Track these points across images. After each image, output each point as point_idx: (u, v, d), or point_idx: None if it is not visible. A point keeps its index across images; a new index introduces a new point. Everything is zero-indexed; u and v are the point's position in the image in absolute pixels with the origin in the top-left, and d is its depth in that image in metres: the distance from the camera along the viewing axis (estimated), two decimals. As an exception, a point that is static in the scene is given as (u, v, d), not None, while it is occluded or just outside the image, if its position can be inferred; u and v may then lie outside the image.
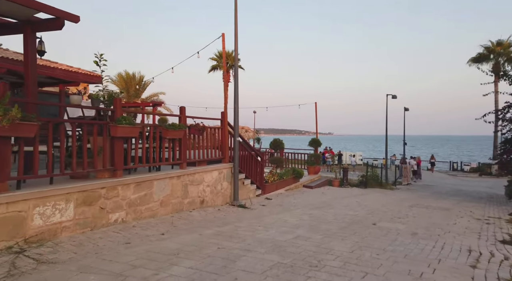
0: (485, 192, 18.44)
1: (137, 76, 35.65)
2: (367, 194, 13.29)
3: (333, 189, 14.25)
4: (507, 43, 28.03)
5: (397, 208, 9.32)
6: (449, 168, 33.60)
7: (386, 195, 13.39)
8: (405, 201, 11.31)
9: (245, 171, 9.08)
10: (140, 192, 5.59)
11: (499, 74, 28.69)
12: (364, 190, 15.00)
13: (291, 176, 11.98)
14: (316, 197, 10.85)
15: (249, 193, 9.24)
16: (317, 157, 15.40)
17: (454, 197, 14.36)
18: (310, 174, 14.93)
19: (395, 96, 19.89)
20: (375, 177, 17.92)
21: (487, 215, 8.89)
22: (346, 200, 10.52)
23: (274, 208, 8.25)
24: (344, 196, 11.86)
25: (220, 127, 8.37)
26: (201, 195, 7.25)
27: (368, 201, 10.73)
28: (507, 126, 14.69)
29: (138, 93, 35.90)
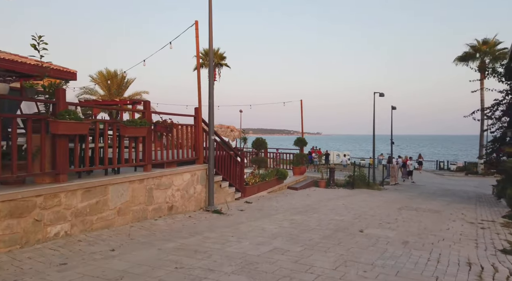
0: (473, 192, 18.18)
1: (119, 74, 34.44)
2: (354, 195, 12.71)
3: (319, 190, 13.63)
4: (493, 42, 28.07)
5: (385, 211, 8.72)
6: (436, 167, 33.59)
7: (374, 196, 12.84)
8: (393, 203, 10.75)
9: (223, 173, 8.32)
10: (91, 199, 4.77)
11: (485, 73, 28.79)
12: (351, 191, 14.44)
13: (274, 177, 11.29)
14: (300, 200, 10.18)
15: (227, 196, 8.48)
16: (303, 157, 14.76)
17: (443, 197, 13.94)
18: (295, 175, 14.28)
19: (383, 94, 19.48)
20: (362, 177, 17.41)
21: (480, 218, 8.37)
22: (332, 203, 9.88)
23: (253, 213, 7.52)
24: (330, 198, 11.23)
25: (193, 125, 7.59)
26: (170, 201, 6.46)
27: (355, 203, 10.12)
28: (496, 124, 14.38)
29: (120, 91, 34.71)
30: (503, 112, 14.15)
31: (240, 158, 9.34)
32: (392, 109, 23.71)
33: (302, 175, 14.58)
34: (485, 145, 14.70)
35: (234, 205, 8.30)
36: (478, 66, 29.26)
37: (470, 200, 13.22)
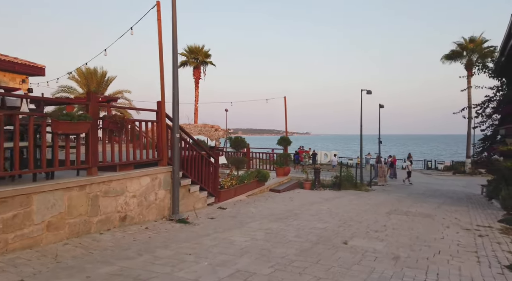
0: (462, 192, 17.70)
1: (99, 72, 32.99)
2: (341, 197, 11.93)
3: (304, 192, 12.81)
4: (480, 40, 27.86)
5: (373, 217, 7.94)
6: (424, 167, 33.31)
7: (361, 198, 12.10)
8: (381, 206, 10.00)
9: (193, 176, 7.39)
10: (6, 212, 3.78)
11: (472, 71, 28.58)
12: (338, 192, 13.67)
13: (254, 179, 10.40)
14: (282, 204, 9.32)
15: (197, 202, 7.55)
16: (286, 157, 13.91)
17: (433, 198, 13.31)
18: (278, 176, 13.43)
19: (370, 92, 18.84)
20: (349, 178, 16.69)
21: (475, 222, 7.66)
22: (316, 207, 9.06)
23: (224, 221, 6.61)
24: (314, 201, 10.41)
25: (155, 121, 6.64)
26: (123, 210, 5.50)
27: (340, 207, 9.32)
28: (486, 121, 13.84)
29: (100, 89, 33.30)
30: (493, 109, 13.63)
31: (214, 159, 8.42)
32: (380, 107, 23.15)
33: (286, 176, 13.75)
34: (475, 143, 14.15)
35: (205, 212, 7.37)
36: (465, 64, 29.06)
37: (461, 202, 12.62)
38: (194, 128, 27.90)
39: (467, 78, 28.96)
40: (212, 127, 28.23)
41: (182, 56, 37.39)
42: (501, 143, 11.82)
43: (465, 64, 28.92)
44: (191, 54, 37.15)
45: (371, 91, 18.91)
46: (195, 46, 37.17)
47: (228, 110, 39.03)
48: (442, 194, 15.94)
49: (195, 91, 37.41)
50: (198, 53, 37.01)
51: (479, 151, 13.92)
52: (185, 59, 37.43)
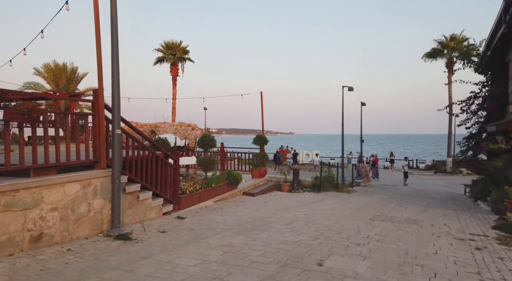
0: (445, 192, 17.17)
1: (68, 68, 30.96)
2: (320, 201, 10.97)
3: (281, 195, 11.78)
4: (460, 38, 27.71)
5: (354, 224, 6.97)
6: (405, 166, 33.00)
7: (342, 201, 11.18)
8: (364, 210, 9.09)
9: (144, 180, 6.19)
10: None
11: (452, 69, 28.43)
12: (318, 195, 12.73)
13: (224, 182, 9.27)
14: (253, 210, 8.23)
15: (150, 211, 6.35)
16: (263, 157, 12.86)
17: (417, 200, 12.57)
18: (254, 178, 12.36)
19: (352, 88, 18.07)
20: (330, 179, 15.82)
21: (467, 230, 6.81)
22: (292, 213, 8.02)
23: (178, 236, 5.46)
24: (291, 205, 9.39)
25: (92, 114, 5.41)
26: (37, 227, 4.26)
27: (319, 213, 8.32)
28: (471, 119, 13.23)
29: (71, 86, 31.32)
30: (478, 106, 13.04)
31: (174, 160, 7.24)
32: (362, 105, 22.48)
33: (263, 178, 12.68)
34: (460, 142, 13.53)
35: (157, 223, 6.18)
36: (446, 62, 28.90)
37: (447, 204, 11.91)
38: (170, 126, 26.45)
39: (448, 77, 28.82)
40: (188, 126, 26.82)
41: (158, 52, 35.87)
42: (488, 141, 11.18)
43: (446, 63, 28.76)
44: (168, 50, 35.61)
45: (352, 87, 18.14)
46: (173, 42, 35.64)
47: (207, 108, 37.79)
48: (426, 194, 15.29)
49: (172, 88, 35.86)
50: (175, 49, 35.49)
51: (464, 149, 13.31)
52: (162, 55, 35.87)
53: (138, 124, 26.91)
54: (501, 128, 8.64)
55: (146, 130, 25.67)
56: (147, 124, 26.74)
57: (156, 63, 36.51)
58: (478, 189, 12.17)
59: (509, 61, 11.29)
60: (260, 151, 13.15)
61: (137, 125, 26.73)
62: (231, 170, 9.81)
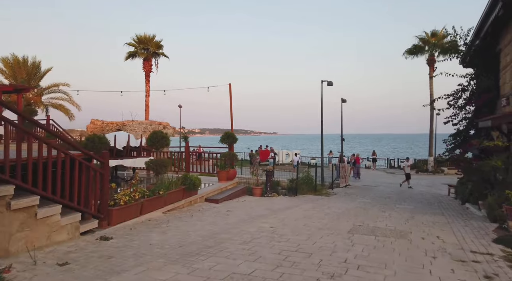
0: (429, 193, 16.25)
1: (30, 62, 28.44)
2: (295, 206, 9.60)
3: (251, 201, 10.34)
4: (441, 34, 27.09)
5: (330, 241, 5.60)
6: (387, 165, 32.35)
7: (320, 206, 9.86)
8: (343, 219, 7.77)
9: (48, 190, 4.59)
10: None
11: (434, 66, 27.83)
12: (293, 199, 11.37)
13: (178, 187, 7.73)
14: (209, 223, 6.73)
15: (57, 233, 4.74)
16: (232, 157, 11.37)
17: (401, 203, 11.43)
18: (221, 181, 10.86)
19: (331, 83, 16.87)
20: (308, 181, 14.53)
21: (466, 246, 5.57)
22: (256, 226, 6.59)
23: (81, 269, 3.89)
24: (258, 214, 7.96)
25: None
26: None
27: (289, 224, 6.92)
28: (458, 114, 12.19)
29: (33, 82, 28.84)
30: (465, 100, 12.00)
31: (102, 163, 5.65)
32: (342, 102, 21.38)
33: (231, 181, 11.21)
34: (446, 140, 12.48)
35: (64, 249, 4.57)
36: (427, 59, 28.30)
37: (433, 207, 10.81)
38: (139, 125, 24.60)
39: (429, 74, 28.24)
40: (160, 124, 25.04)
41: (130, 46, 33.78)
42: (478, 138, 10.11)
43: (427, 59, 28.16)
44: (141, 44, 33.58)
45: (332, 82, 16.93)
46: (145, 36, 33.65)
47: (182, 106, 35.98)
48: (410, 196, 14.26)
49: (145, 85, 33.86)
50: (148, 43, 33.50)
51: (450, 148, 12.26)
52: (133, 49, 33.80)
53: (103, 122, 24.93)
54: (497, 122, 7.52)
55: (113, 128, 23.70)
56: (114, 122, 24.79)
57: (128, 58, 34.37)
58: (466, 191, 11.13)
59: (501, 49, 10.27)
60: (228, 150, 11.66)
61: (102, 123, 24.76)
62: (188, 173, 8.27)
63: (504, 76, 9.98)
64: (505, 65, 9.88)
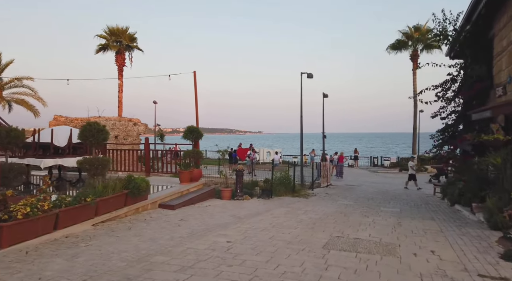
0: (414, 193, 15.26)
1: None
2: (266, 212, 8.29)
3: (216, 205, 8.95)
4: (425, 29, 26.44)
5: (299, 262, 4.30)
6: (370, 164, 31.56)
7: (295, 211, 8.58)
8: (318, 228, 6.51)
9: None
10: None
11: (417, 62, 27.17)
12: (266, 203, 10.06)
13: (117, 192, 6.26)
14: (148, 238, 5.30)
15: None
16: (196, 155, 9.94)
17: (386, 206, 10.30)
18: (183, 183, 9.43)
19: (311, 75, 15.67)
20: (286, 181, 13.27)
21: (469, 265, 4.37)
22: (210, 241, 5.22)
23: None
24: (216, 224, 6.58)
25: None
26: None
27: (252, 238, 5.58)
28: (447, 107, 11.18)
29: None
30: (454, 92, 11.01)
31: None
32: (324, 97, 20.27)
33: (196, 182, 9.79)
34: (433, 135, 11.47)
35: None
36: (411, 55, 27.62)
37: (421, 210, 9.73)
38: (106, 121, 22.68)
39: (412, 70, 27.59)
40: (130, 121, 23.22)
41: (101, 38, 31.69)
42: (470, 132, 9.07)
43: (411, 55, 27.49)
44: (112, 37, 31.56)
45: (312, 74, 15.72)
46: (117, 28, 31.58)
47: (157, 102, 34.16)
48: (395, 197, 13.21)
49: (118, 79, 31.87)
50: (121, 35, 31.52)
51: (438, 144, 11.25)
52: (105, 42, 31.74)
53: (67, 119, 22.97)
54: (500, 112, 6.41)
55: (77, 125, 21.82)
56: (79, 118, 22.80)
57: (99, 51, 32.29)
58: (456, 191, 10.11)
59: (495, 34, 9.26)
60: (193, 148, 10.23)
61: (66, 120, 22.80)
62: (132, 175, 6.80)
63: (498, 64, 8.97)
64: (500, 51, 8.86)
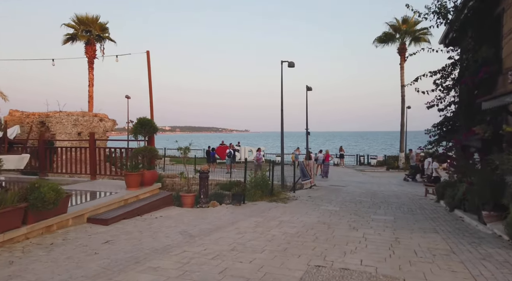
0: (405, 195, 13.85)
1: None
2: (230, 225, 6.58)
3: (170, 216, 7.17)
4: (412, 21, 25.24)
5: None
6: (356, 162, 30.30)
7: (266, 223, 6.92)
8: (293, 250, 4.85)
9: None
10: None
11: (405, 56, 25.96)
12: (236, 210, 8.35)
13: (9, 206, 4.42)
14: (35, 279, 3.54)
15: None
16: (150, 154, 8.12)
17: (377, 212, 8.78)
18: (130, 188, 7.60)
19: (292, 64, 14.03)
20: (263, 183, 11.62)
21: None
22: (130, 278, 3.48)
23: None
24: (154, 248, 4.82)
25: None
26: None
27: (190, 276, 3.86)
28: (445, 97, 9.73)
29: None
30: (454, 80, 9.56)
31: None
32: (307, 90, 18.72)
33: (148, 187, 7.97)
34: (429, 130, 10.02)
35: None
36: (398, 48, 26.41)
37: (417, 217, 8.24)
38: (67, 116, 20.48)
39: (400, 64, 26.39)
40: (95, 116, 21.09)
41: (69, 27, 29.21)
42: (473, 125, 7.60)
43: (398, 48, 26.27)
44: (81, 26, 29.15)
45: (293, 63, 14.09)
46: (87, 17, 29.14)
47: (130, 97, 31.94)
48: (385, 200, 11.74)
49: (88, 72, 29.50)
50: (91, 25, 29.13)
51: (435, 139, 9.81)
52: (73, 31, 29.29)
53: (23, 114, 20.63)
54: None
55: (34, 120, 19.52)
56: (36, 113, 20.47)
57: (67, 42, 29.79)
58: (457, 194, 8.68)
59: (504, 10, 7.81)
60: (146, 144, 8.40)
61: (21, 115, 20.46)
62: (38, 182, 4.95)
63: (509, 44, 7.52)
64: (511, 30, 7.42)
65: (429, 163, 17.68)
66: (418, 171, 19.27)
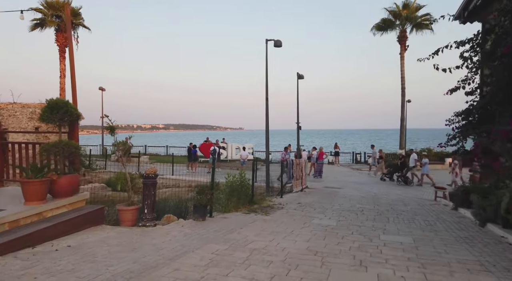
0: (412, 200, 11.67)
1: None
2: (164, 265, 4.22)
3: (83, 245, 4.80)
4: (414, 7, 23.05)
5: None
6: (352, 161, 28.10)
7: (228, 257, 4.59)
8: None
9: None
10: None
11: (405, 44, 23.81)
12: (193, 231, 5.97)
13: None
14: None
15: None
16: (69, 150, 5.70)
17: (385, 228, 6.49)
18: (29, 202, 5.17)
19: (279, 42, 11.64)
20: (242, 187, 9.30)
21: None
22: None
23: None
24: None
25: None
26: None
27: None
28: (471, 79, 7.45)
29: None
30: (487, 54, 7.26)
31: None
32: (299, 78, 16.42)
33: (65, 198, 5.56)
34: (451, 120, 7.76)
35: None
36: (398, 36, 24.22)
37: (443, 236, 5.97)
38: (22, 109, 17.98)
39: (400, 54, 24.21)
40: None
41: (37, 12, 26.44)
42: None
43: (398, 36, 24.07)
44: (51, 10, 26.43)
45: (280, 41, 11.74)
46: (57, 0, 26.46)
47: (104, 89, 29.31)
48: (391, 208, 9.50)
49: (60, 62, 26.82)
50: (61, 9, 26.39)
51: (459, 132, 7.55)
52: (41, 16, 26.56)
53: (-30, 106, 17.96)
54: None
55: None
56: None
57: (35, 28, 27.05)
58: (492, 204, 6.45)
59: None
60: (68, 138, 5.98)
61: (-32, 107, 17.80)
62: None
63: None
64: None
65: (415, 160, 16.98)
66: (397, 169, 17.33)
